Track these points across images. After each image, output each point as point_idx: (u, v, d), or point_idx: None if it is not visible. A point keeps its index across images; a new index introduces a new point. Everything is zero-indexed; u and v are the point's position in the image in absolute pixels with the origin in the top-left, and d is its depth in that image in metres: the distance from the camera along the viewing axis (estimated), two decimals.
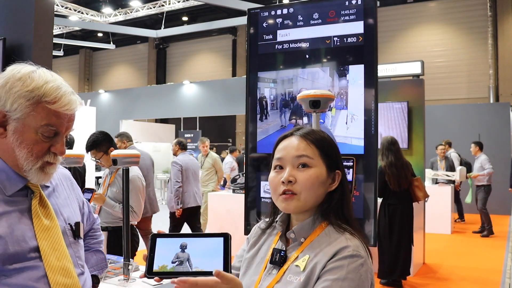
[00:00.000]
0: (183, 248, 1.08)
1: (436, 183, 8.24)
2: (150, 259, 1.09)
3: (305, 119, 3.28)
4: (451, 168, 8.13)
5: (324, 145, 1.12)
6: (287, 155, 1.11)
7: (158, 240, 1.11)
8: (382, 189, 4.49)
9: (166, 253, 1.09)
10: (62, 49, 20.81)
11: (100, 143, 3.22)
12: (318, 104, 2.48)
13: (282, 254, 1.10)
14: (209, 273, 1.03)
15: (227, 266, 1.05)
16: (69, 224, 1.23)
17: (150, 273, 1.07)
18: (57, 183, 1.28)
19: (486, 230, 7.48)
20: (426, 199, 6.09)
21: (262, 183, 3.36)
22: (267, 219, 1.23)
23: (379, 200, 4.71)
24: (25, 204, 1.14)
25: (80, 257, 1.23)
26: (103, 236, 1.47)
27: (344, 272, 0.98)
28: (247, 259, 1.20)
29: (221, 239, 1.08)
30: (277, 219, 1.16)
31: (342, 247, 1.01)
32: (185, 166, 5.46)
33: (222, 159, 14.16)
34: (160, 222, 6.49)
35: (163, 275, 1.07)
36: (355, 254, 1.00)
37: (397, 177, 4.47)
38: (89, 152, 3.24)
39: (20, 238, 1.08)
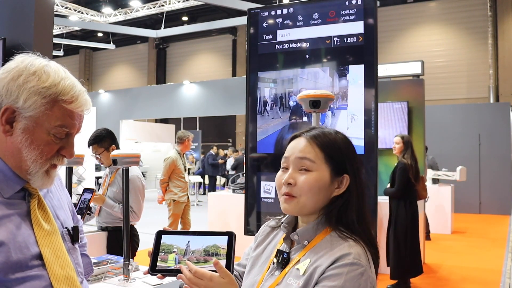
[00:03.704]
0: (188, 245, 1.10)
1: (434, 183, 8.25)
2: (154, 255, 1.09)
3: (305, 119, 3.27)
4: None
5: (331, 148, 1.09)
6: (292, 155, 1.10)
7: (164, 237, 1.11)
8: (405, 186, 4.29)
9: (171, 250, 1.10)
10: (62, 49, 20.81)
11: (103, 138, 3.22)
12: (318, 104, 2.48)
13: (285, 256, 1.10)
14: (213, 272, 1.04)
15: (229, 264, 1.06)
16: (66, 228, 1.14)
17: (153, 269, 1.08)
18: None
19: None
20: (426, 198, 6.12)
21: (262, 183, 3.36)
22: (278, 218, 1.23)
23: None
24: (24, 207, 1.04)
25: (79, 263, 1.15)
26: (86, 239, 1.36)
27: (343, 280, 0.97)
28: (253, 258, 1.21)
29: (226, 237, 1.09)
30: (283, 220, 1.16)
31: (343, 254, 1.00)
32: None
33: (222, 158, 14.22)
34: (161, 222, 6.48)
35: (166, 272, 1.07)
36: (355, 263, 0.99)
37: (417, 172, 4.37)
38: (90, 147, 3.24)
39: (22, 244, 0.99)
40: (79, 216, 1.35)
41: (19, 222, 1.01)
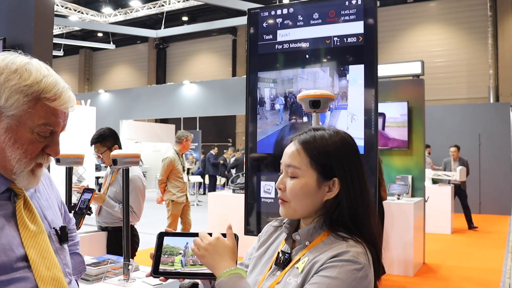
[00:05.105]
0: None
1: (435, 183, 8.24)
2: (156, 258, 1.08)
3: (305, 119, 3.27)
4: None
5: (317, 154, 1.08)
6: (283, 161, 1.13)
7: (166, 238, 1.10)
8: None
9: (173, 251, 1.09)
10: (62, 49, 20.81)
11: (106, 138, 3.23)
12: (318, 104, 2.49)
13: (286, 256, 1.10)
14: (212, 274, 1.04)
15: None
16: (54, 228, 1.11)
17: (156, 272, 1.06)
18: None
19: None
20: (427, 198, 6.12)
21: (262, 183, 3.36)
22: (280, 218, 1.23)
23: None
24: (9, 208, 1.02)
25: (67, 264, 1.13)
26: (79, 237, 1.33)
27: (336, 272, 0.98)
28: (255, 257, 1.21)
29: None
30: (285, 221, 1.17)
31: (342, 252, 1.01)
32: None
33: (224, 159, 14.21)
34: (161, 222, 6.48)
35: (169, 274, 1.06)
36: (352, 260, 0.99)
37: (381, 173, 4.47)
38: (93, 146, 3.24)
39: (7, 246, 0.96)
40: (71, 215, 1.32)
41: (3, 224, 0.99)
